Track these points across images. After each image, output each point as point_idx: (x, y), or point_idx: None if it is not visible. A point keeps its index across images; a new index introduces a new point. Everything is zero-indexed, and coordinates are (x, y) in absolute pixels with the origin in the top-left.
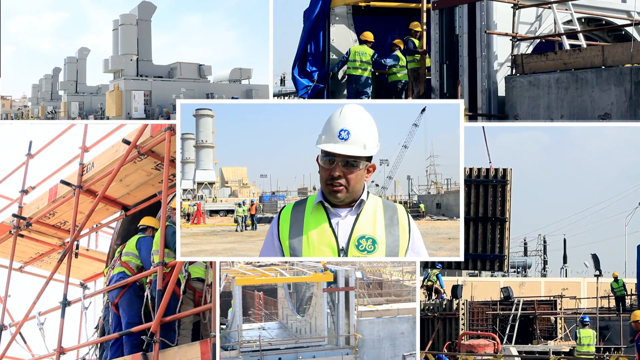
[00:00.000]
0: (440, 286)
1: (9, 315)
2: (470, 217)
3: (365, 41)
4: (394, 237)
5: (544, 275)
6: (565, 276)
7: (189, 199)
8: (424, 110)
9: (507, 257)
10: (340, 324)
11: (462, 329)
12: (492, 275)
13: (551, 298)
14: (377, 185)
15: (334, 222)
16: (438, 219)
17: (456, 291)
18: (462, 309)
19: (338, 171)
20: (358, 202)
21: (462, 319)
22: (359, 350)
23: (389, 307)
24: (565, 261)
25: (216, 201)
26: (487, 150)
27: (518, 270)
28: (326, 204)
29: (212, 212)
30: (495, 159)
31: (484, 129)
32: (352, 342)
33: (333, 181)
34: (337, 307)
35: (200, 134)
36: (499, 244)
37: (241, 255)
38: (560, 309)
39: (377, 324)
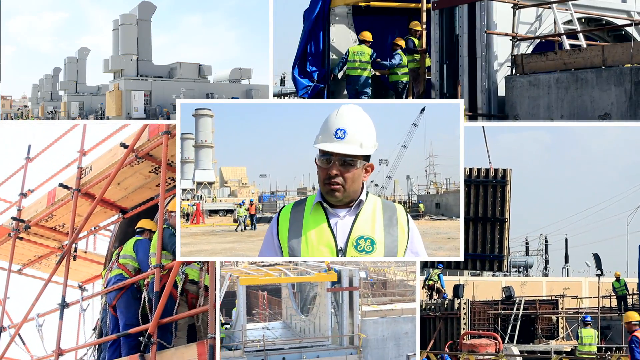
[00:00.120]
0: (441, 286)
1: (8, 316)
2: (470, 217)
3: (363, 41)
4: (392, 238)
5: (546, 275)
6: (567, 276)
7: (188, 199)
8: (423, 110)
9: (507, 258)
10: (344, 323)
11: (464, 329)
12: (493, 275)
13: (553, 298)
14: (376, 185)
15: (332, 222)
16: (437, 219)
17: (458, 291)
18: (464, 308)
19: (335, 170)
20: (357, 202)
21: (463, 319)
22: (363, 350)
23: (393, 307)
24: (566, 261)
25: (215, 201)
26: (487, 150)
27: (520, 269)
28: (325, 204)
29: (211, 212)
30: (496, 158)
31: (483, 129)
32: (356, 342)
33: (330, 180)
34: (341, 307)
35: (199, 133)
36: (498, 245)
37: (240, 255)
38: (562, 308)
39: (381, 324)
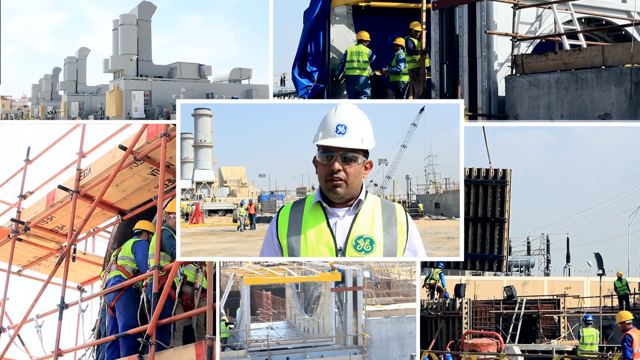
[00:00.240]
0: (442, 285)
1: (8, 317)
2: (470, 218)
3: (361, 40)
4: (392, 237)
5: (547, 275)
6: (569, 275)
7: (187, 199)
8: (422, 110)
9: (506, 258)
10: (348, 323)
11: (465, 328)
12: (495, 275)
13: (554, 297)
14: (375, 185)
15: (332, 222)
16: (437, 219)
17: (459, 290)
18: (465, 308)
19: (338, 164)
20: (356, 201)
21: (465, 318)
22: (367, 350)
23: (397, 307)
24: (568, 260)
25: (215, 201)
26: (487, 150)
27: (521, 269)
28: (324, 204)
29: (210, 212)
30: (498, 158)
31: (484, 129)
32: (360, 342)
33: (333, 176)
34: (345, 306)
35: (198, 133)
36: (497, 245)
37: (239, 255)
38: (564, 308)
39: (385, 324)
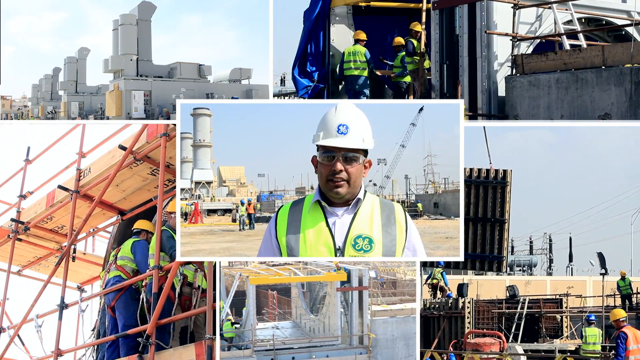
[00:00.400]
0: (444, 284)
1: (8, 317)
2: (470, 218)
3: (358, 40)
4: (391, 237)
5: (550, 274)
6: (571, 275)
7: (186, 199)
8: (421, 109)
9: (506, 259)
10: (353, 323)
11: (468, 328)
12: (497, 274)
13: (557, 296)
14: (374, 185)
15: (330, 221)
16: (436, 219)
17: (462, 290)
18: (468, 307)
19: (340, 165)
20: (355, 201)
21: (467, 318)
22: (373, 349)
23: (403, 307)
24: (570, 260)
25: (214, 200)
26: (488, 150)
27: (524, 268)
28: (323, 203)
29: (209, 212)
30: (500, 158)
31: (485, 130)
32: (365, 342)
33: (334, 176)
34: (350, 306)
35: (197, 133)
36: (497, 245)
37: (239, 255)
38: (566, 307)
39: (391, 324)
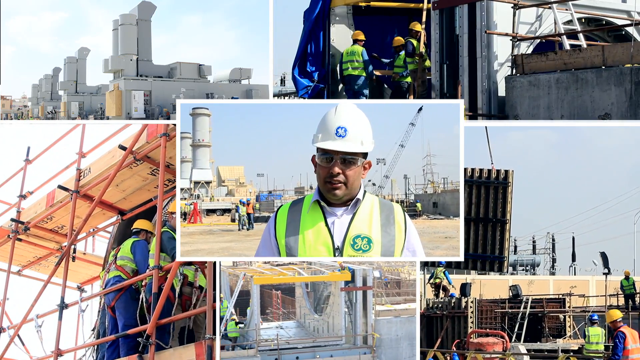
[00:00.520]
0: (448, 282)
1: (8, 317)
2: (471, 218)
3: (356, 40)
4: (390, 237)
5: (553, 274)
6: (574, 274)
7: (185, 198)
8: (420, 109)
9: (507, 259)
10: (357, 323)
11: (471, 327)
12: (500, 274)
13: (560, 296)
14: (374, 185)
15: (329, 221)
16: (435, 218)
17: (465, 289)
18: (471, 307)
19: (337, 168)
20: (354, 201)
21: (470, 317)
22: (377, 349)
23: (407, 307)
24: (573, 259)
25: (213, 200)
26: (490, 150)
27: (527, 268)
28: (322, 203)
29: (208, 212)
30: (502, 157)
31: (486, 130)
32: (369, 342)
33: (332, 179)
34: (354, 306)
35: (196, 133)
36: (499, 246)
37: (238, 255)
38: (569, 307)
39: (395, 324)
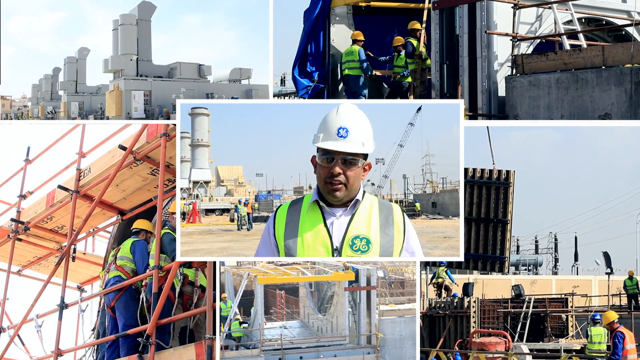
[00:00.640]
0: (451, 281)
1: (8, 317)
2: (472, 218)
3: (355, 40)
4: (388, 237)
5: (555, 273)
6: (577, 274)
7: (184, 198)
8: (419, 109)
9: (508, 259)
10: (361, 323)
11: (473, 327)
12: (502, 274)
13: (562, 296)
14: (373, 184)
15: (328, 221)
16: (434, 218)
17: (467, 289)
18: (473, 306)
19: (338, 168)
20: (353, 201)
21: (473, 317)
22: (381, 349)
23: (411, 307)
24: (576, 259)
25: (212, 200)
26: (491, 150)
27: (529, 268)
28: (322, 203)
29: (207, 211)
30: (504, 157)
31: (488, 129)
32: (373, 342)
33: (332, 179)
34: (358, 306)
35: (195, 132)
36: (500, 246)
37: (237, 255)
38: (572, 306)
39: (399, 323)
